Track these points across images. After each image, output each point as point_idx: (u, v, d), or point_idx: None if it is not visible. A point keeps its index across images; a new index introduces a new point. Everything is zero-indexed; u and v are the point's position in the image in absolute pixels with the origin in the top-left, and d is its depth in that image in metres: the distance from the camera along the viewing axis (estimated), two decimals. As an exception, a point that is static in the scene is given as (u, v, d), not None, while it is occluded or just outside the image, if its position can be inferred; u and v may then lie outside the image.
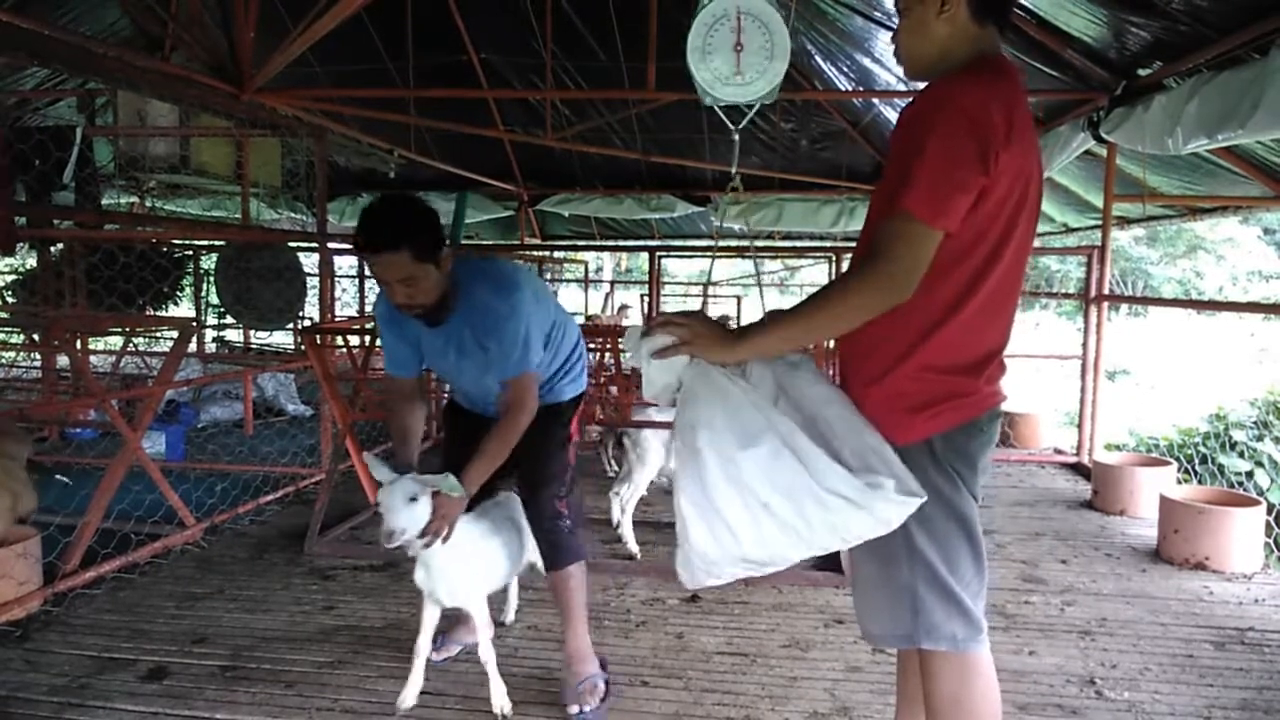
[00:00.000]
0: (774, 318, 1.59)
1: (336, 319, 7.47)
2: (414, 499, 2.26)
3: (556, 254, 11.55)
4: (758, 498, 1.52)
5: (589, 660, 2.62)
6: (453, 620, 2.95)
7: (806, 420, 1.63)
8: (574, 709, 2.51)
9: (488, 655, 2.53)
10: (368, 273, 8.30)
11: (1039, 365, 9.30)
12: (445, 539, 2.35)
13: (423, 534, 2.29)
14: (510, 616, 3.16)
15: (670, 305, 10.83)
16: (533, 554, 2.73)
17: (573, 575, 2.60)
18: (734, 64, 1.79)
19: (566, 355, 2.68)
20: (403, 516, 2.24)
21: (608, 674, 2.65)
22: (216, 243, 6.97)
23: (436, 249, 2.28)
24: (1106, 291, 5.53)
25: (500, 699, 2.54)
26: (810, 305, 1.55)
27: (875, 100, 7.07)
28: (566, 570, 2.59)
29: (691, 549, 1.60)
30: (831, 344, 4.94)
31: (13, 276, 7.80)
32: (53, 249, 6.27)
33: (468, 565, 2.48)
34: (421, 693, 2.60)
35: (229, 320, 7.83)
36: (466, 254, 2.47)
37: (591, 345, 5.46)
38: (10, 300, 7.36)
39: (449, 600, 2.52)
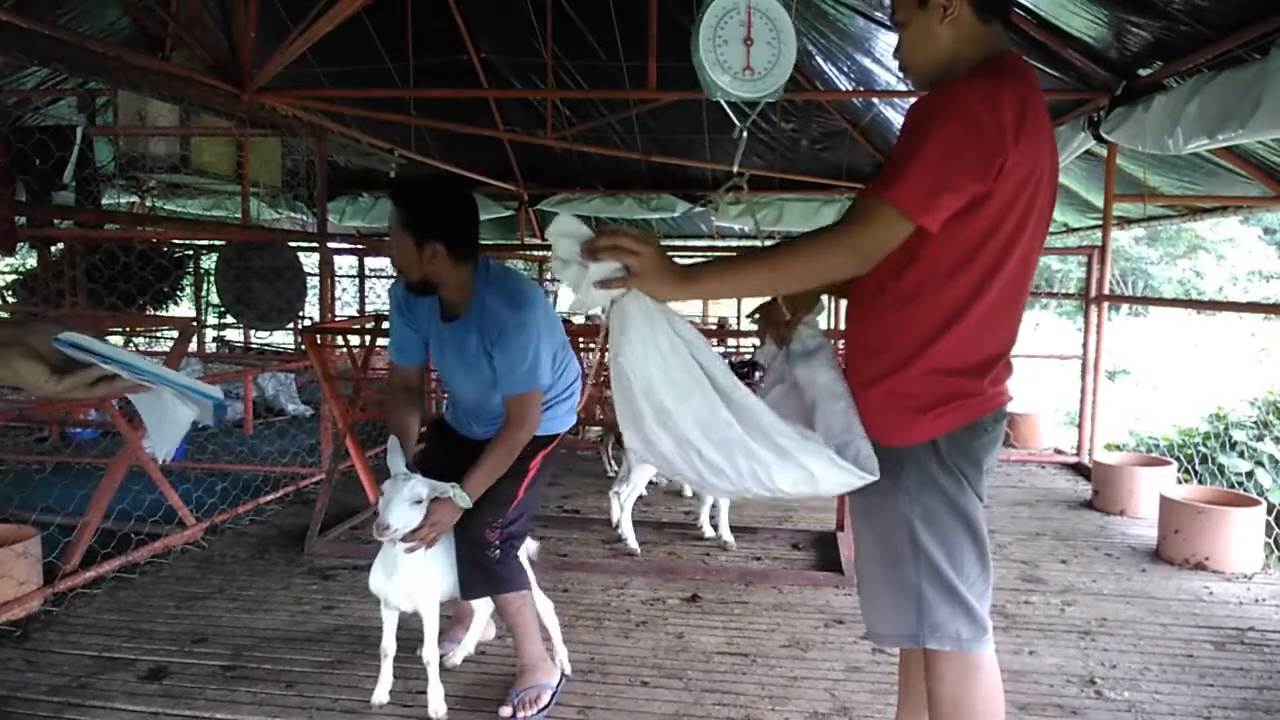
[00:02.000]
0: (727, 261, 1.60)
1: (336, 319, 7.47)
2: (419, 502, 2.28)
3: (557, 254, 11.53)
4: (692, 445, 1.51)
5: (540, 671, 2.60)
6: (451, 620, 2.95)
7: (807, 403, 1.63)
8: (505, 711, 2.52)
9: (431, 656, 2.50)
10: (368, 273, 8.32)
11: (1039, 365, 9.30)
12: (429, 546, 2.35)
13: (409, 537, 2.30)
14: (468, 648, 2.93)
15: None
16: None
17: (510, 602, 2.56)
18: (744, 58, 1.79)
19: (559, 391, 2.60)
20: (402, 514, 2.25)
21: (561, 686, 2.64)
22: (217, 242, 6.97)
23: (425, 233, 2.29)
24: (1106, 291, 5.53)
25: (437, 703, 2.50)
26: (765, 258, 1.53)
27: (876, 100, 7.07)
28: (503, 599, 2.55)
29: (635, 450, 1.60)
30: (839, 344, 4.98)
31: (13, 276, 7.80)
32: (53, 249, 6.28)
33: (427, 570, 2.45)
34: (419, 693, 2.60)
35: (229, 320, 7.85)
36: (489, 262, 2.47)
37: (591, 345, 5.47)
38: (10, 300, 7.36)
39: (406, 604, 2.49)
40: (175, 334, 4.44)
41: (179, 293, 7.54)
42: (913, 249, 1.52)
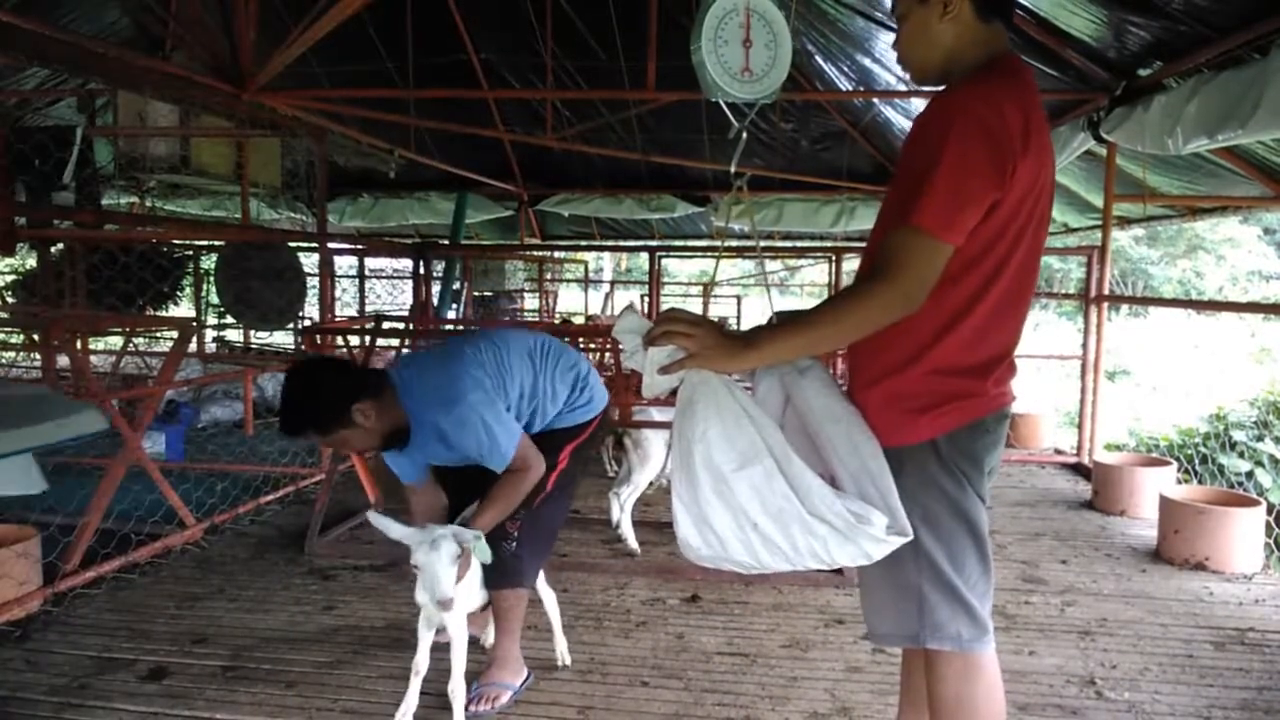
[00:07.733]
0: (782, 327, 1.56)
1: (336, 319, 7.47)
2: (459, 556, 2.28)
3: (556, 254, 11.55)
4: (748, 517, 1.53)
5: (507, 670, 2.62)
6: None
7: (810, 433, 1.62)
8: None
9: (457, 687, 2.41)
10: (368, 273, 8.32)
11: (1039, 365, 9.31)
12: (458, 580, 2.36)
13: None
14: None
15: (670, 305, 10.80)
16: None
17: (506, 598, 2.59)
18: (743, 60, 1.80)
19: (566, 395, 2.65)
20: (453, 581, 2.25)
21: (522, 687, 2.65)
22: (216, 243, 6.97)
23: (343, 415, 2.33)
24: (1106, 291, 5.53)
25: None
26: (819, 316, 1.54)
27: (876, 100, 7.07)
28: (500, 593, 2.58)
29: (684, 542, 1.60)
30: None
31: (13, 276, 7.80)
32: (53, 249, 6.27)
33: (460, 588, 2.42)
34: (421, 694, 2.59)
35: (229, 320, 7.84)
36: (392, 377, 2.49)
37: (592, 345, 5.47)
38: (10, 300, 7.36)
39: (446, 621, 2.47)
40: (175, 334, 4.44)
41: (179, 293, 7.53)
42: None
